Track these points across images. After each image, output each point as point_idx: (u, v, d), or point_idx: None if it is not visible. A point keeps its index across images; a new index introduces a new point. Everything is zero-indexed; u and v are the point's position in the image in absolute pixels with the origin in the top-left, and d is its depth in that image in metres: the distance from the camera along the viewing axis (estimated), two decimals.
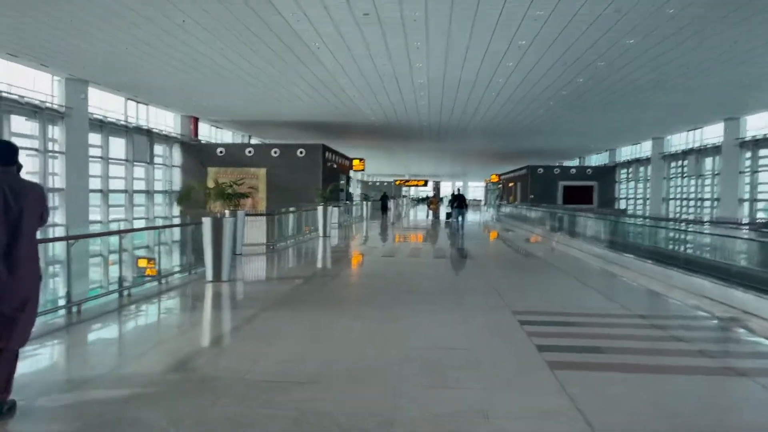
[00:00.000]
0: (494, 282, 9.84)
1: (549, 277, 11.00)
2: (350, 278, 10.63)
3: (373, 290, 9.25)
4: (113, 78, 20.84)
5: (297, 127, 31.63)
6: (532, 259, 15.05)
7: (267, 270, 12.00)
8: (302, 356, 5.57)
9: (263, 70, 19.66)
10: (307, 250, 14.79)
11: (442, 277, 10.62)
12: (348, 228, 23.70)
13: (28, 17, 13.77)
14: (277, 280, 10.90)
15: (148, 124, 26.18)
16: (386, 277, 10.35)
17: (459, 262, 12.22)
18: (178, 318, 7.97)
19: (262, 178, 28.69)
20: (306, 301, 8.47)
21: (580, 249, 14.98)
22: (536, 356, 5.61)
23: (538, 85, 21.71)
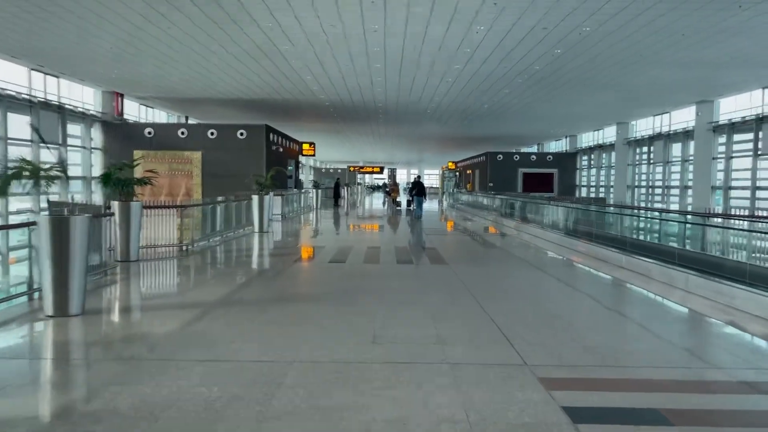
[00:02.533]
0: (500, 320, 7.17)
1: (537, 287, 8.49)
2: (273, 308, 6.63)
3: (305, 341, 5.44)
4: (11, 43, 16.92)
5: (239, 107, 28.11)
6: (515, 261, 12.44)
7: (155, 289, 8.49)
8: None
9: (195, 37, 16.38)
10: (231, 253, 11.52)
11: (413, 301, 7.70)
12: (293, 220, 20.46)
13: None
14: (158, 310, 6.81)
15: (60, 99, 22.24)
16: (332, 298, 7.03)
17: (433, 274, 9.10)
18: None
19: (197, 162, 25.15)
20: (185, 369, 4.57)
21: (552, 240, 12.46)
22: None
23: (498, 68, 19.49)
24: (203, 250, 11.38)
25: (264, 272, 8.95)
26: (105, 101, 25.05)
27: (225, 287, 7.76)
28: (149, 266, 9.50)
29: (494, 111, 28.36)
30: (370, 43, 16.61)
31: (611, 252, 10.46)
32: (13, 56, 18.83)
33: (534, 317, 6.27)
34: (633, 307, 7.81)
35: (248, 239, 13.72)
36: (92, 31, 15.89)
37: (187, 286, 8.36)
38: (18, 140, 19.90)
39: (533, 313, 6.52)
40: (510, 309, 6.49)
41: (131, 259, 9.39)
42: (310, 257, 10.46)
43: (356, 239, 14.99)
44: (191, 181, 25.17)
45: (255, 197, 14.80)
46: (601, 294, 8.42)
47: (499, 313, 6.21)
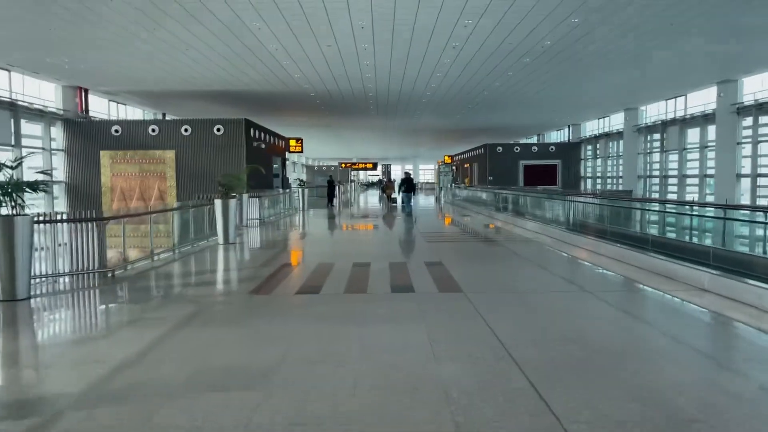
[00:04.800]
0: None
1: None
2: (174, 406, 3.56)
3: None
4: None
5: (219, 101, 25.38)
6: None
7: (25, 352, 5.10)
8: None
9: (161, 23, 14.24)
10: (171, 279, 8.68)
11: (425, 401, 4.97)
12: (272, 226, 17.66)
13: None
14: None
15: (12, 95, 19.41)
16: (281, 381, 3.96)
17: (445, 316, 6.24)
18: None
19: (170, 162, 22.38)
20: None
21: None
22: None
23: (503, 45, 16.96)
24: (136, 276, 8.60)
25: (194, 318, 5.96)
26: (66, 97, 22.25)
27: (120, 352, 4.85)
28: (38, 310, 6.64)
29: (494, 99, 25.68)
30: (355, 17, 13.89)
31: (679, 266, 7.78)
32: None
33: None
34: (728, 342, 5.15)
35: (203, 256, 10.96)
36: (44, 17, 13.27)
37: (68, 349, 5.36)
38: None
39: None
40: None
41: (18, 296, 6.65)
42: (272, 284, 7.70)
43: (342, 250, 12.20)
44: (165, 183, 22.38)
45: (218, 202, 12.00)
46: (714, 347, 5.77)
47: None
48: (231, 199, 12.24)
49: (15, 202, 6.78)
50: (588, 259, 10.07)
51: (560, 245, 11.98)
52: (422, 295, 7.18)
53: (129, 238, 10.95)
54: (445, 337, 5.26)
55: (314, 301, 6.84)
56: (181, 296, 7.32)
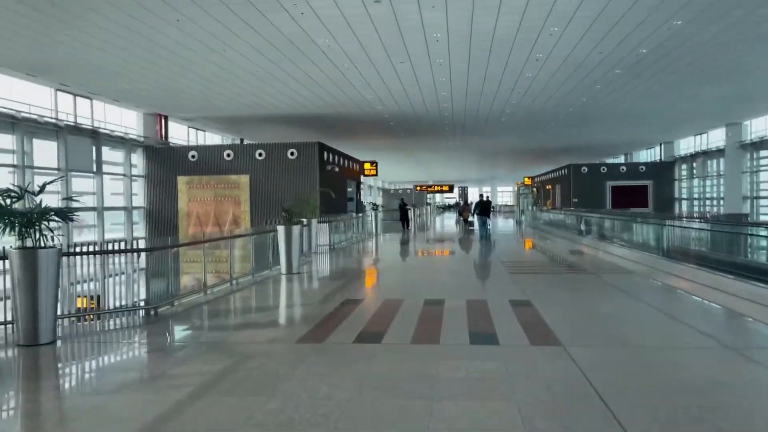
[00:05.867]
0: None
1: None
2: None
3: None
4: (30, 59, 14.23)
5: (292, 125, 24.89)
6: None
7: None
8: None
9: (243, 53, 14.38)
10: (220, 318, 7.55)
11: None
12: (342, 252, 16.55)
13: None
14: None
15: (93, 122, 19.52)
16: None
17: (542, 381, 4.87)
18: None
19: (245, 186, 21.91)
20: None
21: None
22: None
23: (584, 64, 15.46)
24: (181, 314, 7.59)
25: (222, 379, 4.64)
26: (147, 124, 22.32)
27: (119, 424, 3.71)
28: (60, 358, 5.69)
29: (580, 116, 23.72)
30: (429, 29, 12.71)
31: None
32: (31, 74, 16.12)
33: None
34: None
35: (260, 289, 9.89)
36: (123, 46, 13.25)
37: (72, 408, 4.35)
38: (44, 169, 17.23)
39: None
40: None
41: (40, 341, 5.75)
42: (327, 328, 6.43)
43: (413, 282, 10.81)
44: (239, 207, 21.90)
45: (280, 229, 10.97)
46: None
47: None
48: (295, 225, 11.17)
49: (40, 233, 5.89)
50: (710, 298, 8.18)
51: (669, 278, 10.07)
52: (509, 349, 5.68)
53: (186, 267, 10.08)
54: (547, 426, 3.76)
55: (374, 355, 5.50)
56: (217, 345, 6.17)
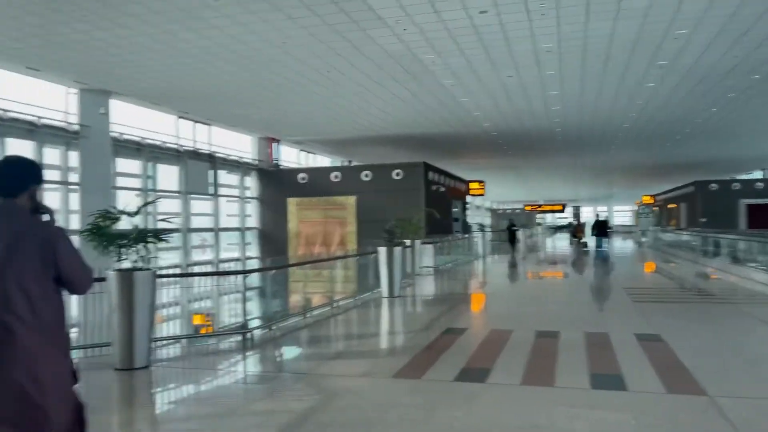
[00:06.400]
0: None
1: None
2: None
3: None
4: (155, 90, 15.06)
5: (397, 145, 24.63)
6: None
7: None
8: None
9: (356, 81, 14.61)
10: (318, 343, 7.13)
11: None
12: (446, 274, 15.81)
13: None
14: None
15: (211, 147, 20.36)
16: None
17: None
18: None
19: (351, 207, 21.88)
20: None
21: None
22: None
23: (715, 69, 14.06)
24: (277, 339, 7.26)
25: (305, 422, 4.21)
26: (260, 148, 23.02)
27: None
28: (152, 384, 5.50)
29: (708, 128, 21.53)
30: (540, 40, 11.89)
31: None
32: (155, 103, 17.05)
33: None
34: None
35: (360, 314, 9.44)
36: (237, 74, 13.77)
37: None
38: (167, 192, 18.15)
39: None
40: None
41: (135, 365, 5.61)
42: (426, 361, 5.79)
43: (523, 310, 9.86)
44: (345, 228, 21.90)
45: (381, 250, 10.52)
46: None
47: None
48: (397, 246, 10.69)
49: (137, 254, 5.80)
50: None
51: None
52: (640, 396, 4.75)
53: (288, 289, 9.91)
54: None
55: (477, 397, 4.80)
56: (308, 376, 5.73)
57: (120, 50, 11.75)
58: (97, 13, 9.76)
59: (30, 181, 2.61)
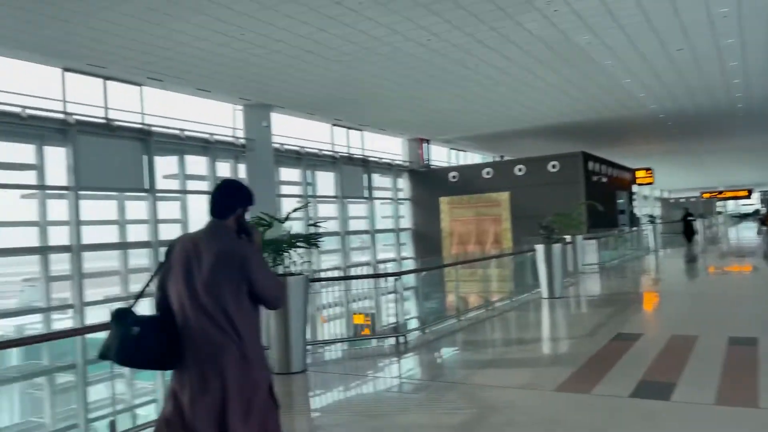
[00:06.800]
0: None
1: None
2: None
3: None
4: (306, 100, 15.80)
5: (552, 136, 23.35)
6: None
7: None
8: None
9: (506, 72, 14.07)
10: (469, 350, 6.68)
11: None
12: (613, 271, 14.45)
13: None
14: None
15: (363, 152, 20.85)
16: None
17: None
18: None
19: (505, 204, 21.16)
20: None
21: None
22: None
23: None
24: (429, 342, 6.97)
25: (478, 426, 3.83)
26: (411, 149, 23.14)
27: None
28: (308, 388, 5.48)
29: None
30: (714, 4, 10.40)
31: None
32: (311, 113, 17.84)
33: None
34: None
35: (517, 317, 8.82)
36: (388, 78, 13.92)
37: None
38: (325, 197, 18.92)
39: None
40: None
41: (292, 369, 5.64)
42: (594, 372, 5.13)
43: (707, 312, 8.54)
44: (499, 226, 21.21)
45: (539, 248, 9.82)
46: None
47: None
48: (556, 243, 9.93)
49: (290, 259, 5.86)
50: None
51: None
52: None
53: (441, 291, 9.65)
54: None
55: (660, 418, 4.10)
56: (461, 386, 5.36)
57: (276, 65, 12.35)
58: (255, 31, 10.31)
59: (238, 205, 2.81)
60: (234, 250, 2.69)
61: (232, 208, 2.79)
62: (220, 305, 2.59)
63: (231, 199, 2.82)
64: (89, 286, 11.59)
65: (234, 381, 2.55)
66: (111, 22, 9.45)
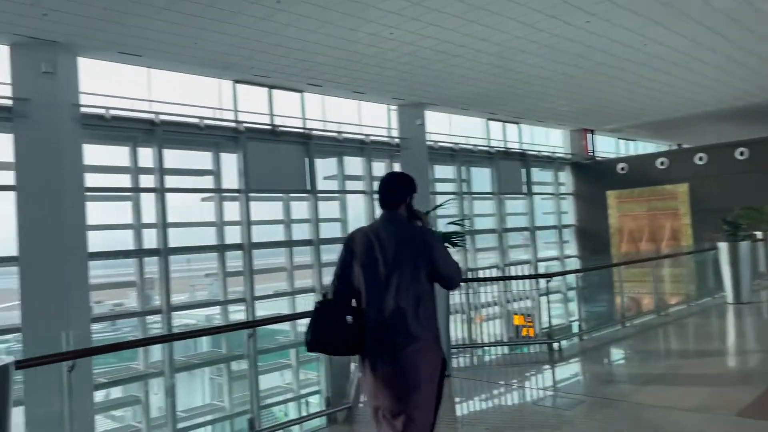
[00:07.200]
0: None
1: None
2: None
3: None
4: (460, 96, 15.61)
5: (738, 119, 20.54)
6: None
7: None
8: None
9: (679, 50, 12.62)
10: (626, 367, 5.83)
11: None
12: None
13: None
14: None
15: (521, 145, 20.12)
16: None
17: None
18: None
19: (683, 197, 19.12)
20: None
21: None
22: None
23: None
24: (590, 350, 6.32)
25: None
26: (573, 141, 21.83)
27: None
28: (452, 393, 5.17)
29: None
30: None
31: None
32: (464, 108, 17.56)
33: None
34: None
35: (695, 323, 7.69)
36: (541, 67, 13.36)
37: None
38: (480, 194, 18.58)
39: None
40: None
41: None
42: None
43: None
44: (678, 221, 19.18)
45: (723, 246, 8.53)
46: None
47: None
48: (743, 241, 8.60)
49: None
50: None
51: None
52: None
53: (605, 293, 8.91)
54: None
55: None
56: (621, 404, 4.75)
57: (426, 61, 12.28)
58: (402, 28, 10.31)
59: (406, 193, 3.04)
60: (414, 236, 2.89)
61: (401, 197, 3.00)
62: (404, 290, 2.76)
63: (399, 189, 3.03)
64: (258, 281, 12.51)
65: (415, 363, 2.71)
66: (272, 33, 10.04)
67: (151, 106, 11.12)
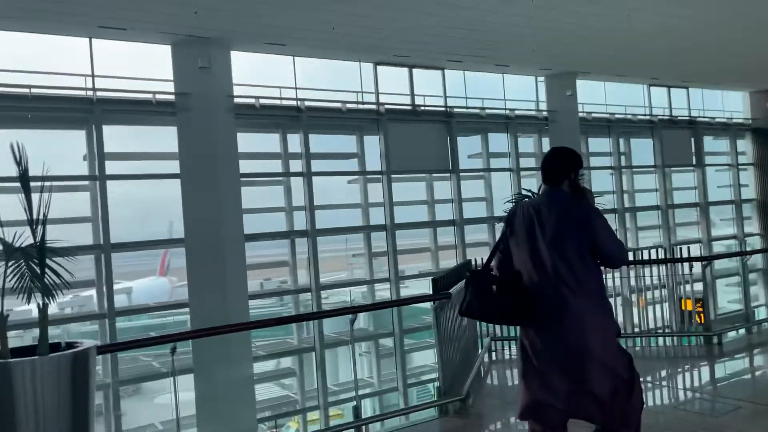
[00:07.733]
0: None
1: None
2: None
3: None
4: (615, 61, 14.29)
5: None
6: None
7: None
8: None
9: None
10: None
11: None
12: None
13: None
14: None
15: (689, 112, 18.03)
16: None
17: None
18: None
19: None
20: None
21: None
22: None
23: None
24: (762, 344, 5.31)
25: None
26: (754, 104, 19.09)
27: None
28: None
29: None
30: None
31: None
32: (623, 75, 16.00)
33: None
34: None
35: None
36: (713, 19, 11.65)
37: None
38: (641, 167, 16.98)
39: None
40: None
41: None
42: None
43: None
44: None
45: None
46: None
47: None
48: None
49: None
50: None
51: None
52: None
53: None
54: None
55: None
56: None
57: (575, 26, 11.31)
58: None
59: (569, 169, 3.00)
60: (576, 213, 2.86)
61: (564, 173, 2.97)
62: (566, 265, 2.75)
63: (562, 165, 3.00)
64: (402, 261, 12.55)
65: (581, 334, 2.69)
66: (407, 11, 9.83)
67: (296, 93, 11.53)
